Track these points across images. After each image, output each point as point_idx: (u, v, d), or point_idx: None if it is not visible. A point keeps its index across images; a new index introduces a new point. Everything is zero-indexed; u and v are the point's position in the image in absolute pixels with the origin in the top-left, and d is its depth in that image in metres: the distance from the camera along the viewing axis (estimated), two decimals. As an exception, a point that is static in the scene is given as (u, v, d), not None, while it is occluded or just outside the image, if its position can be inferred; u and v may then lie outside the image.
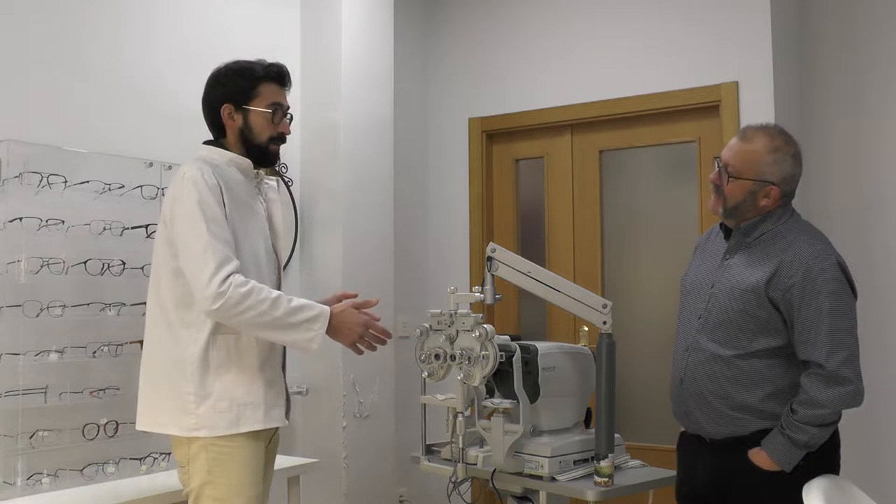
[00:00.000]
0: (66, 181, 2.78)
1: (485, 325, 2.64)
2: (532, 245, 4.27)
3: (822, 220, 3.55)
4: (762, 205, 2.43)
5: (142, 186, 2.98)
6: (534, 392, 2.72)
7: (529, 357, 2.73)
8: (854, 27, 3.76)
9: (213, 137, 2.51)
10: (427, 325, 2.77)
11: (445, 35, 4.48)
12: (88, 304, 2.82)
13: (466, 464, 2.71)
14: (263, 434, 2.44)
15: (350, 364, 3.61)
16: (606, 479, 2.57)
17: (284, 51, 3.74)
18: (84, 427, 2.80)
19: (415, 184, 4.39)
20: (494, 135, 4.38)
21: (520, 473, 2.69)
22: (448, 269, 4.36)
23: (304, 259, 3.77)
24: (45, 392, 2.69)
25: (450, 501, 2.92)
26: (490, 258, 2.79)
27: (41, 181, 2.72)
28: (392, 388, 3.84)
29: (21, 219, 2.67)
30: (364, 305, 2.50)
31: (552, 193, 4.21)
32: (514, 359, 2.67)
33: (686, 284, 2.62)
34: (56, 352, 2.73)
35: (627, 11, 3.94)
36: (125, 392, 2.84)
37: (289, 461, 3.15)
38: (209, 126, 2.50)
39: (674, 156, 3.96)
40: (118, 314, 2.88)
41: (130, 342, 2.87)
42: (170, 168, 3.01)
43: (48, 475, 2.70)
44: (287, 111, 2.51)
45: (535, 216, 4.29)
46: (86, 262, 2.82)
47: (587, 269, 4.07)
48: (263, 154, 2.49)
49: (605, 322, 2.69)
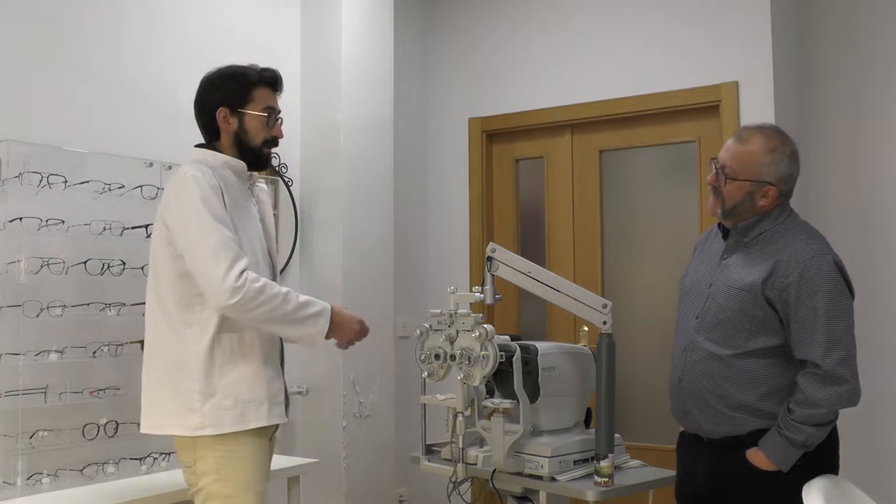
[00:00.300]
0: (66, 181, 2.79)
1: (485, 325, 2.64)
2: (532, 245, 4.27)
3: (822, 220, 3.56)
4: (760, 205, 2.44)
5: (142, 186, 2.99)
6: (534, 392, 2.72)
7: (529, 357, 2.73)
8: (854, 27, 3.76)
9: (206, 140, 2.53)
10: (427, 325, 2.77)
11: (445, 35, 4.48)
12: (88, 304, 2.82)
13: (466, 464, 2.72)
14: (267, 431, 2.46)
15: (350, 364, 3.61)
16: (606, 479, 2.57)
17: (284, 51, 3.74)
18: (84, 427, 2.79)
19: (415, 184, 4.39)
20: (494, 135, 4.38)
21: (520, 473, 2.69)
22: (448, 269, 4.36)
23: (304, 259, 3.77)
24: (45, 392, 2.69)
25: (450, 501, 2.92)
26: (490, 258, 2.79)
27: (41, 181, 2.72)
28: (392, 388, 3.84)
29: (21, 219, 2.67)
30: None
31: (552, 193, 4.21)
32: (514, 359, 2.67)
33: (685, 284, 2.62)
34: (56, 352, 2.73)
35: (627, 11, 3.93)
36: (125, 392, 2.85)
37: (289, 461, 3.16)
38: (202, 129, 2.52)
39: (674, 156, 3.96)
40: (118, 314, 2.88)
41: (130, 342, 2.87)
42: (170, 168, 3.01)
43: (48, 475, 2.70)
44: (279, 114, 2.55)
45: (535, 216, 4.29)
46: (86, 262, 2.83)
47: (587, 269, 4.07)
48: (258, 157, 2.52)
49: (605, 322, 2.69)
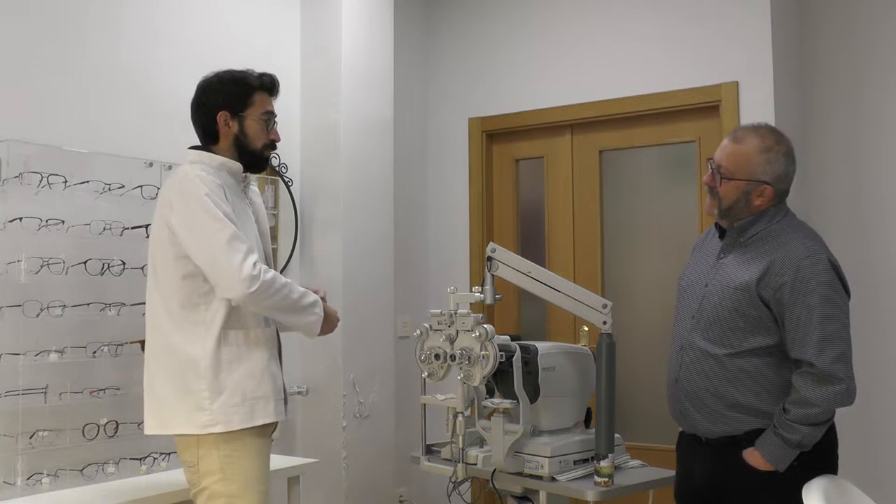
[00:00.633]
0: (66, 181, 2.79)
1: (485, 325, 2.64)
2: (532, 245, 4.27)
3: (822, 220, 3.56)
4: (756, 204, 2.44)
5: (142, 186, 2.99)
6: (534, 392, 2.72)
7: (529, 357, 2.73)
8: (854, 27, 3.76)
9: (202, 143, 2.54)
10: (427, 325, 2.77)
11: (445, 35, 4.48)
12: (88, 304, 2.82)
13: (466, 464, 2.72)
14: (267, 429, 2.47)
15: (350, 364, 3.61)
16: (606, 479, 2.57)
17: (284, 50, 3.74)
18: (84, 427, 2.80)
19: (415, 184, 4.39)
20: (494, 135, 4.38)
21: (520, 473, 2.69)
22: (448, 269, 4.35)
23: (304, 259, 3.77)
24: (45, 392, 2.69)
25: (450, 501, 2.92)
26: (490, 258, 2.79)
27: (41, 181, 2.72)
28: (392, 388, 3.84)
29: (21, 219, 2.67)
30: None
31: (552, 193, 4.21)
32: (514, 359, 2.67)
33: (682, 284, 2.62)
34: (56, 352, 2.73)
35: (627, 11, 3.93)
36: (125, 392, 2.85)
37: (289, 461, 3.16)
38: (200, 132, 2.54)
39: (674, 156, 3.95)
40: (118, 314, 2.88)
41: (130, 342, 2.87)
42: (170, 168, 3.01)
43: (48, 475, 2.70)
44: (276, 119, 2.59)
45: (535, 216, 4.29)
46: (86, 262, 2.83)
47: (587, 269, 4.07)
48: (257, 160, 2.56)
49: (605, 322, 2.69)
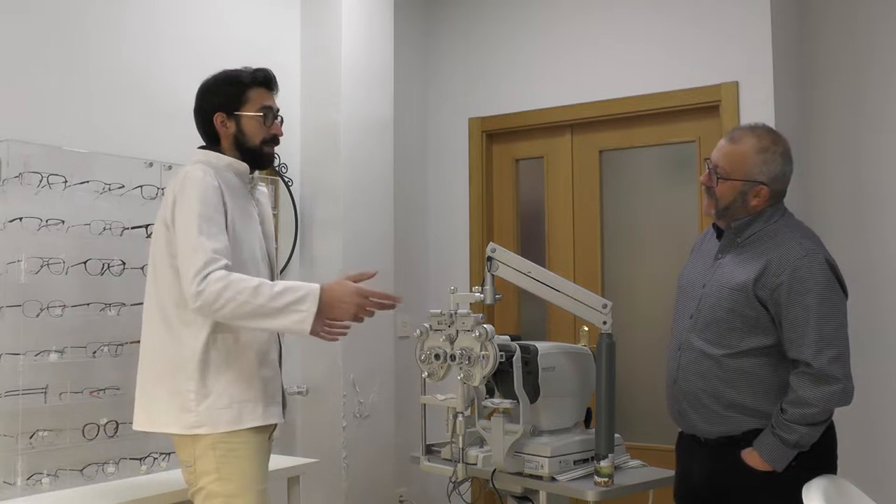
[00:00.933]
0: (66, 181, 2.78)
1: (485, 325, 2.64)
2: (532, 245, 4.27)
3: (822, 220, 3.56)
4: (753, 204, 2.44)
5: (142, 186, 2.99)
6: (534, 392, 2.72)
7: (529, 357, 2.73)
8: (854, 27, 3.76)
9: (208, 146, 2.54)
10: (427, 325, 2.77)
11: (445, 35, 4.48)
12: (88, 304, 2.82)
13: (466, 464, 2.72)
14: (265, 429, 2.46)
15: (350, 364, 3.61)
16: (606, 479, 2.57)
17: (284, 50, 3.74)
18: (84, 427, 2.79)
19: (415, 184, 4.39)
20: (494, 135, 4.38)
21: (520, 473, 2.69)
22: (448, 269, 4.35)
23: (304, 259, 3.77)
24: (45, 392, 2.69)
25: (450, 501, 2.92)
26: (490, 258, 2.79)
27: (41, 181, 2.72)
28: (392, 388, 3.84)
29: (21, 219, 2.67)
30: (360, 277, 2.43)
31: (552, 193, 4.21)
32: (514, 359, 2.67)
33: (681, 284, 2.63)
34: (56, 352, 2.73)
35: (628, 11, 3.93)
36: (125, 392, 2.84)
37: (289, 461, 3.16)
38: (203, 135, 2.54)
39: (674, 156, 3.95)
40: (118, 314, 2.88)
41: (130, 342, 2.86)
42: (170, 168, 3.01)
43: (48, 475, 2.70)
44: (277, 113, 2.55)
45: (535, 216, 4.29)
46: (86, 262, 2.82)
47: (587, 269, 4.07)
48: (258, 157, 2.53)
49: (605, 322, 2.69)
